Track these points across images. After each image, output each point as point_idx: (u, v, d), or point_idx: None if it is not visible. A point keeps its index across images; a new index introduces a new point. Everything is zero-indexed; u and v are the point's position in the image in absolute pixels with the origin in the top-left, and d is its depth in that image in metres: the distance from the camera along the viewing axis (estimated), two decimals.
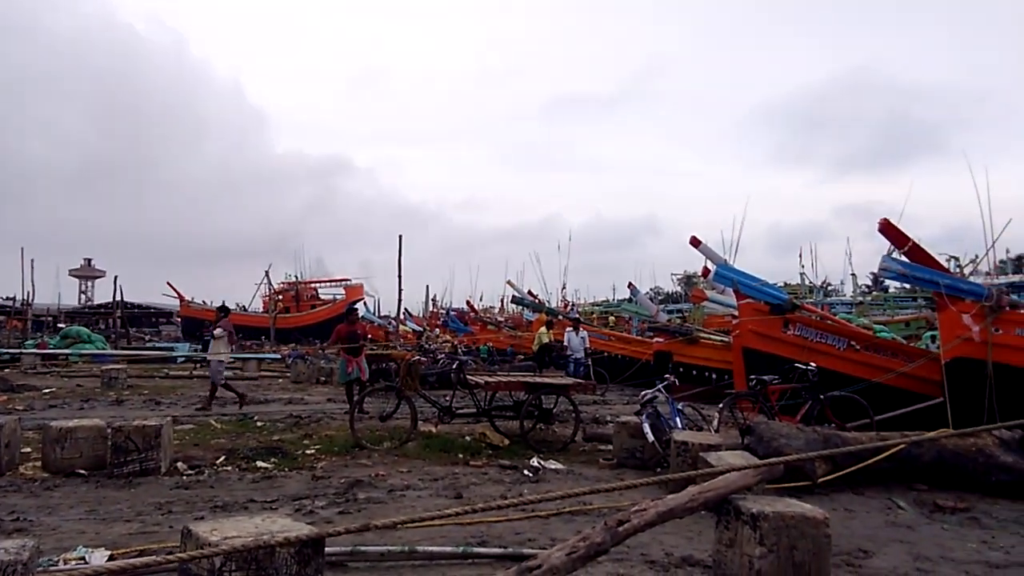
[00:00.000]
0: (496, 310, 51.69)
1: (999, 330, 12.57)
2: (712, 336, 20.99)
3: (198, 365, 25.73)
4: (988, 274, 20.27)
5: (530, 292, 34.41)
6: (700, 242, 18.20)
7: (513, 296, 32.16)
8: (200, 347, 34.05)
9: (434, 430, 10.61)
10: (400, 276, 22.29)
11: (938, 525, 6.23)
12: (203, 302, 54.58)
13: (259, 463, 8.63)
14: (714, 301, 22.44)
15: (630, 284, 26.19)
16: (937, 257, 14.83)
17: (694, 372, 19.31)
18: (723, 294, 19.97)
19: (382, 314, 47.68)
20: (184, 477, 7.86)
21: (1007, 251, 27.63)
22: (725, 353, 18.29)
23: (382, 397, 12.00)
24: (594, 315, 39.73)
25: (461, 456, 9.25)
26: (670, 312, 35.41)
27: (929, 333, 18.35)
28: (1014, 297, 14.33)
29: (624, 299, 39.10)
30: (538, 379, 11.22)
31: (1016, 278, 22.49)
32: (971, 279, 15.72)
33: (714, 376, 18.61)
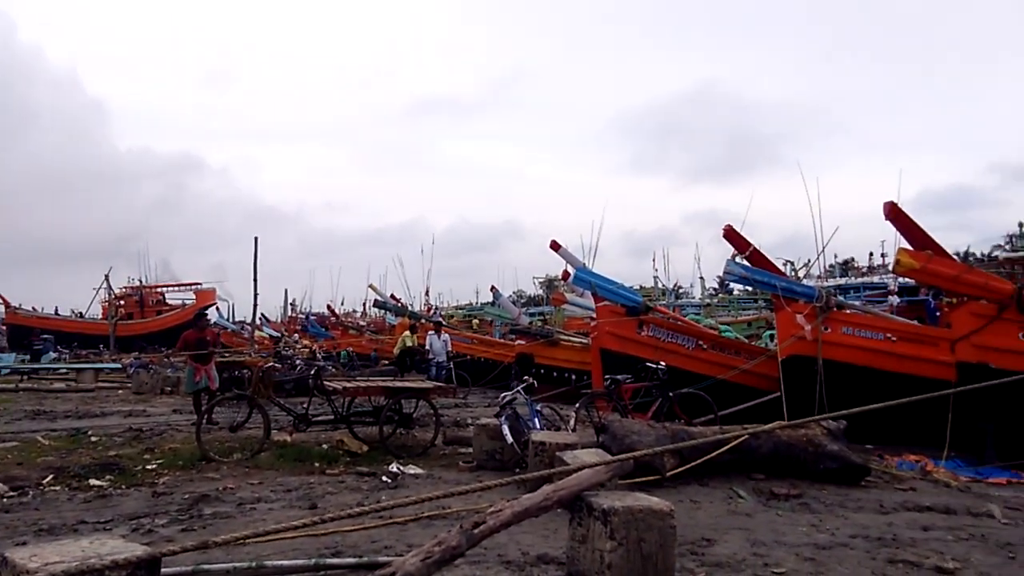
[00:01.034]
0: (358, 314, 50.73)
1: (828, 329, 13.64)
2: (572, 338, 21.52)
3: (24, 377, 23.55)
4: (819, 277, 21.98)
5: (393, 296, 33.99)
6: (560, 246, 18.61)
7: (375, 300, 31.64)
8: (29, 357, 31.22)
9: (289, 439, 10.23)
10: (256, 280, 21.37)
11: (773, 511, 6.66)
12: (33, 308, 50.09)
13: (92, 481, 7.99)
14: (574, 304, 23.04)
15: (493, 287, 26.46)
16: (775, 261, 15.94)
17: (555, 374, 19.70)
18: (582, 297, 20.54)
19: (237, 319, 45.60)
20: (4, 500, 7.14)
21: (835, 256, 30.17)
22: (584, 354, 18.81)
23: (233, 406, 11.45)
24: (455, 318, 39.82)
25: (317, 465, 8.96)
26: (532, 315, 36.04)
27: (768, 332, 19.66)
28: (841, 298, 15.58)
29: (487, 302, 39.45)
30: (398, 383, 11.07)
31: (843, 281, 24.53)
32: (804, 282, 16.98)
33: (574, 377, 19.07)
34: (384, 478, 8.19)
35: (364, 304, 50.09)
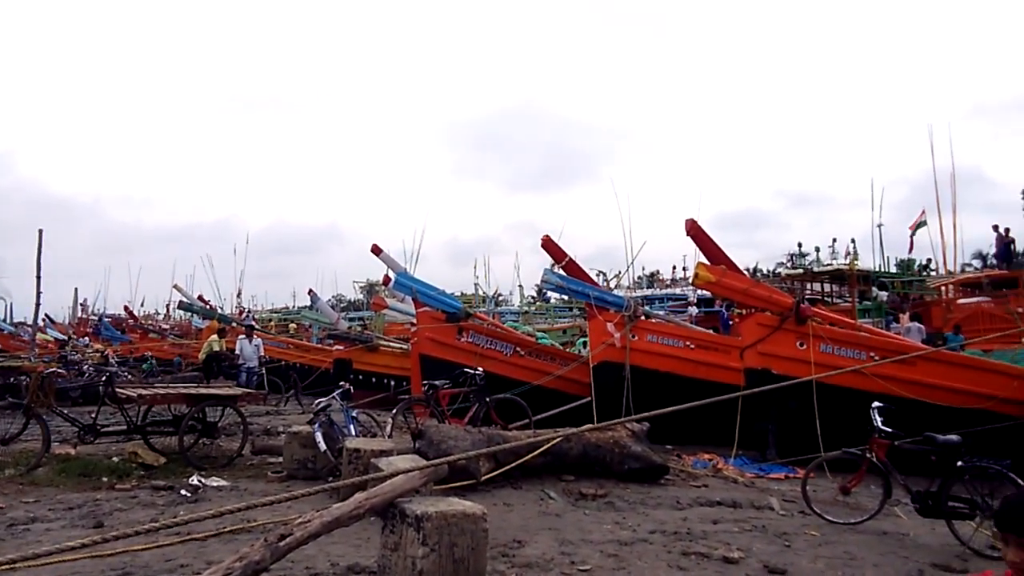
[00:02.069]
0: (161, 317, 47.18)
1: (635, 337, 14.44)
2: (392, 343, 21.29)
3: None
4: (628, 288, 23.26)
5: (200, 297, 31.96)
6: (382, 251, 18.36)
7: (180, 302, 29.60)
8: None
9: (73, 452, 9.28)
10: (39, 277, 19.22)
11: (581, 511, 6.92)
12: None
13: None
14: (394, 309, 22.80)
15: (310, 291, 25.60)
16: (588, 272, 16.68)
17: (374, 379, 19.40)
18: (403, 302, 20.37)
19: (15, 320, 40.83)
20: None
21: (643, 268, 32.14)
22: (404, 360, 18.65)
23: (7, 416, 10.20)
24: (272, 322, 38.13)
25: (106, 480, 8.19)
26: (351, 319, 35.28)
27: (582, 339, 20.49)
28: (647, 308, 16.56)
29: (305, 306, 38.11)
30: (202, 390, 10.37)
31: (649, 292, 26.15)
32: (615, 292, 17.88)
33: (393, 383, 18.87)
34: (183, 492, 7.63)
35: (168, 306, 46.72)
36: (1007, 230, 23.53)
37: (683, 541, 5.71)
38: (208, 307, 29.13)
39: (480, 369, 11.31)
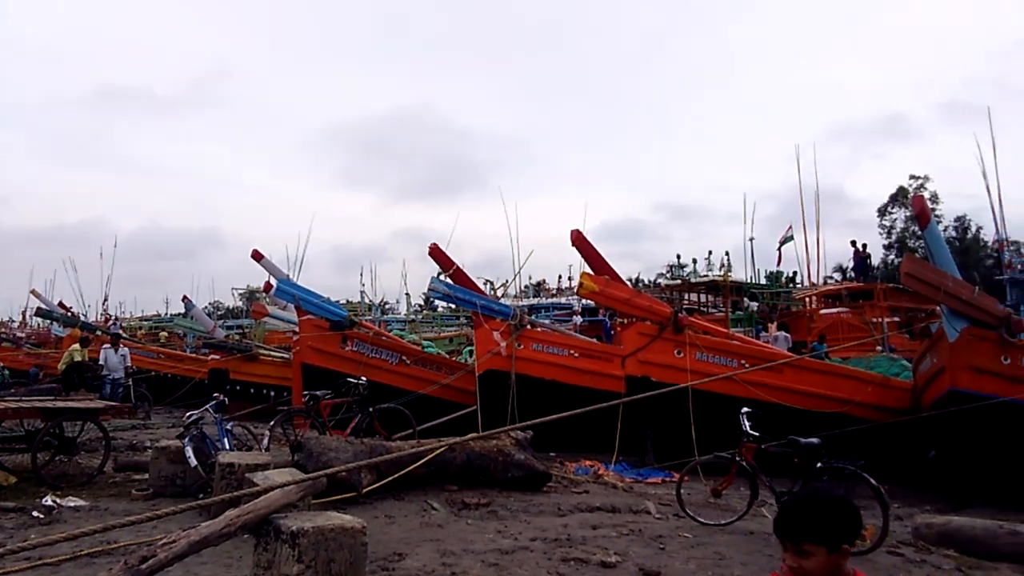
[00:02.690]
0: (16, 325, 43.69)
1: (521, 345, 14.56)
2: (272, 352, 20.60)
3: None
4: (515, 297, 23.48)
5: (61, 304, 29.82)
6: (262, 256, 17.77)
7: (39, 308, 27.49)
8: None
9: None
10: None
11: (464, 521, 6.89)
12: None
13: None
14: (276, 317, 22.09)
15: (184, 297, 24.37)
16: (476, 280, 16.70)
17: (252, 390, 18.71)
18: (285, 310, 19.76)
19: None
20: None
21: (530, 277, 32.49)
22: (285, 370, 18.08)
23: None
24: (142, 330, 36.09)
25: None
26: (229, 328, 33.89)
27: (468, 348, 20.51)
28: (533, 317, 16.75)
29: (178, 313, 36.28)
30: (59, 403, 9.65)
31: (535, 301, 26.50)
32: (502, 301, 18.00)
33: (273, 393, 18.26)
34: (35, 513, 7.06)
35: (24, 313, 43.33)
36: (864, 245, 25.40)
37: (563, 547, 5.78)
38: (69, 314, 27.22)
39: (364, 379, 11.11)
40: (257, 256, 17.62)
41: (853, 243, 25.24)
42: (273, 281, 16.14)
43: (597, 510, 7.53)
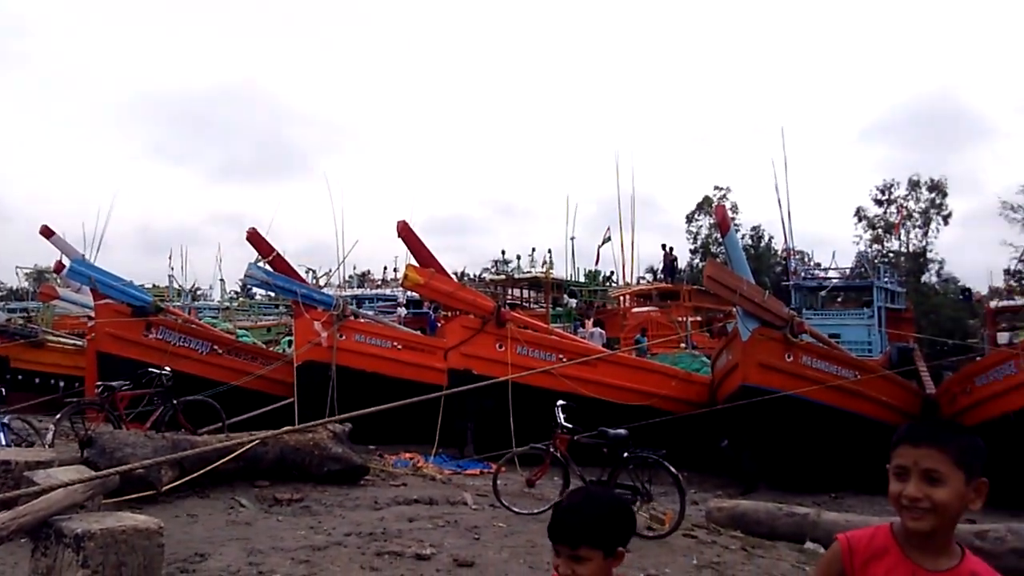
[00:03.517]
0: None
1: (343, 336, 14.26)
2: (63, 339, 18.81)
3: None
4: (338, 287, 22.92)
5: None
6: (53, 232, 16.21)
7: None
8: None
9: None
10: None
11: (274, 518, 6.61)
12: None
13: None
14: (67, 300, 20.07)
15: None
16: (297, 268, 16.14)
17: (38, 380, 16.97)
18: (79, 292, 18.04)
19: None
20: None
21: (354, 267, 31.83)
22: (78, 358, 16.61)
23: None
24: None
25: None
26: (12, 311, 30.50)
27: (287, 338, 19.78)
28: (356, 308, 16.45)
29: None
30: None
31: (359, 291, 26.02)
32: (324, 290, 17.52)
33: (63, 384, 16.65)
34: None
35: None
36: (672, 249, 27.24)
37: (378, 541, 5.70)
38: None
39: (168, 368, 10.39)
40: (47, 232, 16.03)
41: (663, 247, 27.03)
42: (66, 261, 14.77)
43: (415, 502, 7.50)
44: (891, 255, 43.77)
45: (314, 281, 20.48)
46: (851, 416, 11.77)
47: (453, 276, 19.30)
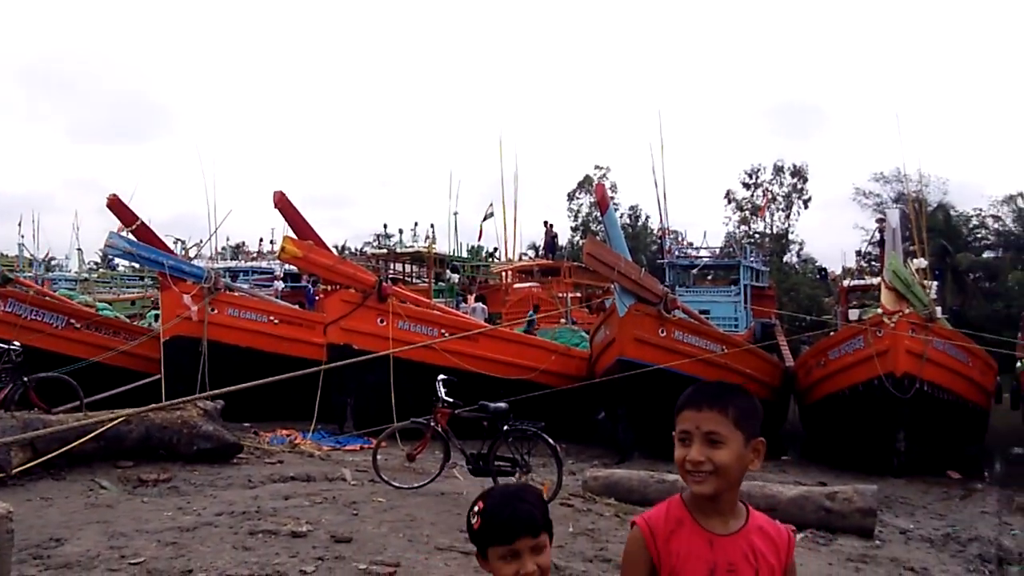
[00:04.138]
0: None
1: (215, 310, 13.69)
2: None
3: None
4: (210, 259, 21.89)
5: None
6: None
7: None
8: None
9: None
10: None
11: (139, 499, 6.29)
12: None
13: None
14: None
15: None
16: (164, 239, 15.31)
17: None
18: None
19: None
20: None
21: (227, 239, 30.34)
22: None
23: None
24: None
25: None
26: None
27: (153, 312, 18.75)
28: (229, 281, 15.81)
29: None
30: None
31: (233, 264, 24.94)
32: (195, 262, 16.71)
33: None
34: None
35: None
36: (552, 225, 27.67)
37: (251, 520, 5.52)
38: None
39: (17, 344, 9.64)
40: None
41: (545, 223, 27.39)
42: None
43: (291, 480, 7.33)
44: (757, 236, 46.28)
45: (183, 252, 19.51)
46: None
47: (333, 249, 18.85)
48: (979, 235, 40.82)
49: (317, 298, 17.68)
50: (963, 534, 7.82)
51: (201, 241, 21.44)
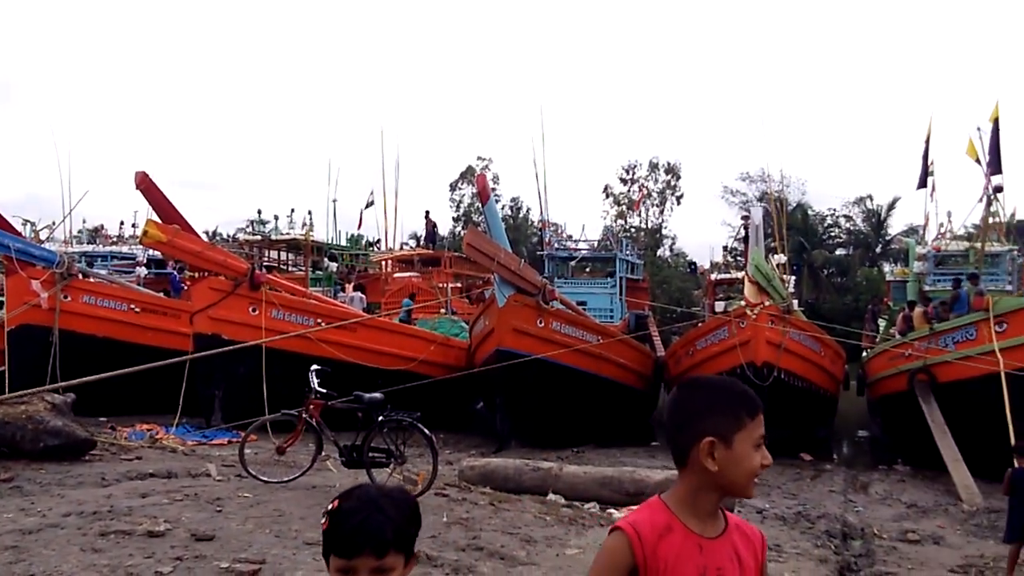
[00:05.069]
0: None
1: (68, 297, 12.78)
2: None
3: None
4: (64, 242, 20.39)
5: None
6: None
7: None
8: None
9: None
10: None
11: None
12: None
13: None
14: None
15: None
16: (11, 220, 14.12)
17: None
18: None
19: None
20: None
21: (84, 221, 28.12)
22: None
23: None
24: None
25: None
26: None
27: None
28: (85, 266, 14.79)
29: None
30: None
31: (90, 248, 23.28)
32: (46, 246, 15.52)
33: None
34: None
35: None
36: (428, 212, 27.55)
37: (103, 520, 5.17)
38: None
39: None
40: None
41: (426, 213, 27.20)
42: None
43: (150, 476, 6.94)
44: (632, 230, 47.79)
45: (32, 235, 18.06)
46: (594, 378, 12.77)
47: (203, 235, 17.96)
48: (832, 233, 43.90)
49: (184, 286, 16.78)
50: (812, 512, 8.37)
51: (54, 223, 19.91)
